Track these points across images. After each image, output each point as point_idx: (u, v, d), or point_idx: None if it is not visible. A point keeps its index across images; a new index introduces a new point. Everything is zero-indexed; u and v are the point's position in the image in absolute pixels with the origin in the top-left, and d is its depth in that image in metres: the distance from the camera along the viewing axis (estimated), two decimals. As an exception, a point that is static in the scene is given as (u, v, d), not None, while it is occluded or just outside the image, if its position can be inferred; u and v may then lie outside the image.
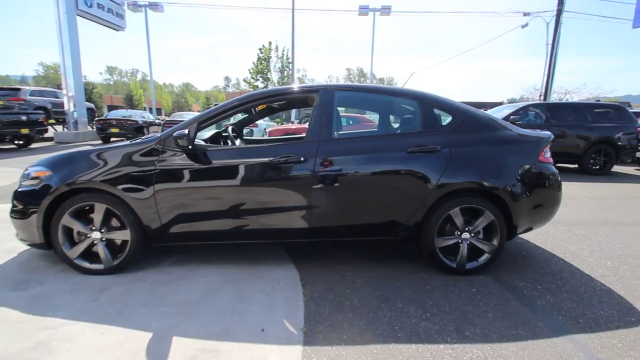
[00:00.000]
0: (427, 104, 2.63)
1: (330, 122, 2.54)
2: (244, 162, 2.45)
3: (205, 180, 2.44)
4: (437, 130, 2.56)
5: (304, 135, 2.63)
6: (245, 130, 4.24)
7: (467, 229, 2.57)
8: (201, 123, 2.52)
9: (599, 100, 12.04)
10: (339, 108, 2.68)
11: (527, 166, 2.58)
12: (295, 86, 2.74)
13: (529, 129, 2.81)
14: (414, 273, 2.64)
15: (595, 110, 8.31)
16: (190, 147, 2.38)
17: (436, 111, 2.63)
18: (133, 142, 2.59)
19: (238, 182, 2.44)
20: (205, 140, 2.99)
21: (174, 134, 2.34)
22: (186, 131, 2.33)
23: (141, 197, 2.40)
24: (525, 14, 22.10)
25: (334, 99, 2.60)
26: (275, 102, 3.24)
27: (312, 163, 2.43)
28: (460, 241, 2.59)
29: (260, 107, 3.58)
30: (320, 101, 2.58)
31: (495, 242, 2.60)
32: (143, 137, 2.68)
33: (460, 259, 2.59)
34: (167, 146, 2.45)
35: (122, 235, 2.49)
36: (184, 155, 2.44)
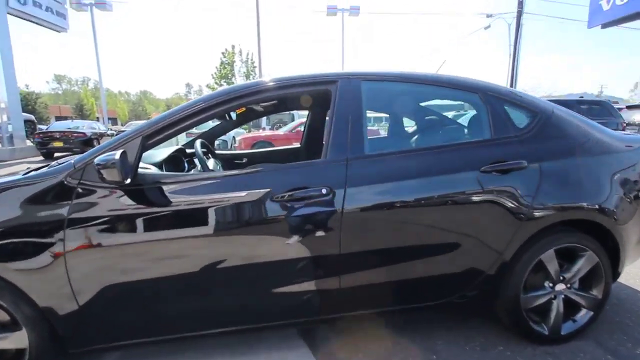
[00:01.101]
0: (495, 99, 1.79)
1: (360, 129, 1.63)
2: (224, 200, 1.48)
3: (161, 232, 1.44)
4: (514, 137, 1.73)
5: (297, 145, 1.76)
6: (216, 142, 3.20)
7: (561, 277, 1.76)
8: (148, 138, 1.51)
9: (582, 97, 12.18)
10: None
11: (637, 184, 1.82)
12: (296, 77, 1.78)
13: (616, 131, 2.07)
14: (488, 348, 1.78)
15: (582, 106, 8.25)
16: (128, 180, 1.37)
17: (507, 109, 1.80)
18: (27, 174, 1.52)
19: (217, 234, 1.46)
20: (159, 165, 1.96)
21: (96, 161, 1.32)
22: (117, 155, 1.30)
23: (38, 266, 1.35)
24: (488, 16, 22.61)
25: (360, 94, 1.69)
26: (263, 102, 2.18)
27: (339, 197, 1.50)
28: (553, 296, 1.77)
29: (239, 110, 2.60)
30: (341, 97, 1.66)
31: (596, 291, 1.81)
32: (49, 166, 1.63)
33: (555, 322, 1.77)
34: (87, 180, 1.42)
35: (12, 342, 1.42)
36: (120, 193, 1.42)
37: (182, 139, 5.31)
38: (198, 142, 1.94)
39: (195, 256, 1.46)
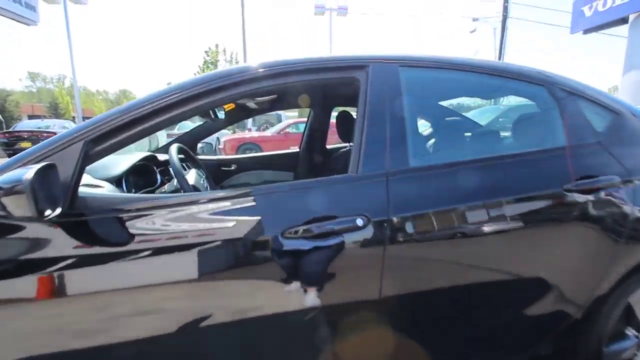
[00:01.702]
0: (567, 93, 1.38)
1: (402, 133, 1.18)
2: (210, 235, 0.99)
3: (116, 282, 0.94)
4: (596, 144, 1.32)
5: (294, 149, 1.61)
6: (199, 145, 2.69)
7: (648, 325, 1.36)
8: (95, 143, 1.00)
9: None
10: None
11: None
12: (309, 60, 1.28)
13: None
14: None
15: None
16: (55, 211, 0.86)
17: (584, 106, 1.38)
18: None
19: (199, 288, 0.98)
20: (117, 180, 1.46)
21: None
22: (28, 174, 0.78)
23: None
24: (474, 20, 22.71)
25: (399, 84, 1.24)
26: (261, 94, 1.62)
27: (381, 229, 1.04)
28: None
29: (228, 107, 2.11)
30: (374, 88, 1.21)
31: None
32: None
33: (643, 385, 1.37)
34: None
35: None
36: (47, 229, 0.92)
37: (163, 139, 4.75)
38: (173, 148, 1.43)
39: (171, 315, 0.98)
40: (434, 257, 1.12)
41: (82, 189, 1.00)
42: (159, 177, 1.72)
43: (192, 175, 1.53)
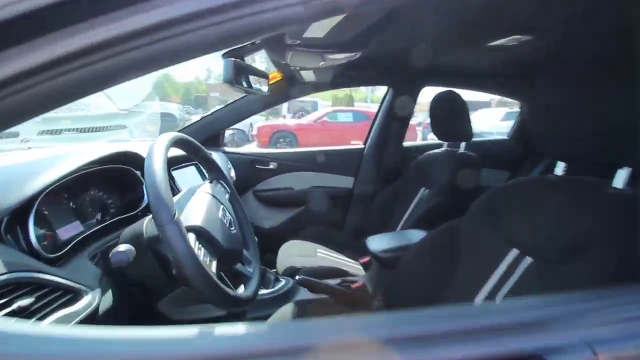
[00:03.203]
0: None
1: None
2: None
3: None
4: None
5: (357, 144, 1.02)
6: (228, 133, 1.96)
7: None
8: None
9: None
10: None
11: None
12: None
13: None
14: None
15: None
16: None
17: None
18: None
19: None
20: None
21: None
22: None
23: None
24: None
25: None
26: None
27: None
28: None
29: (274, 77, 1.35)
30: None
31: None
32: None
33: None
34: None
35: None
36: None
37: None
38: (160, 143, 0.68)
39: None
40: None
41: None
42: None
43: (201, 197, 0.76)
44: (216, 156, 1.61)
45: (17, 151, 0.99)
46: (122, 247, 0.70)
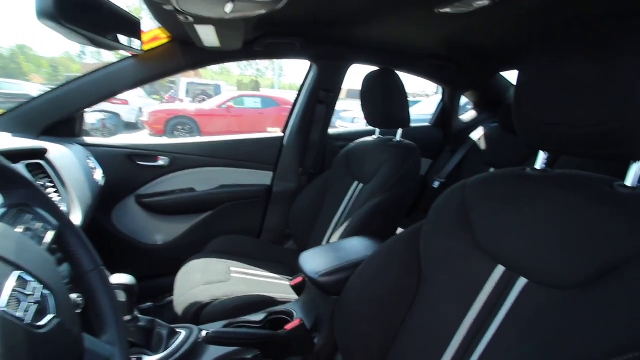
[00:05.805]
0: None
1: None
2: None
3: None
4: None
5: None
6: (97, 118, 1.39)
7: None
8: None
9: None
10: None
11: None
12: None
13: None
14: None
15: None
16: None
17: None
18: None
19: None
20: None
21: None
22: None
23: None
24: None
25: None
26: None
27: None
28: None
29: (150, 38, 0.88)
30: None
31: None
32: None
33: None
34: None
35: None
36: None
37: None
38: None
39: None
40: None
41: None
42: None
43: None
44: (64, 151, 1.07)
45: None
46: None
